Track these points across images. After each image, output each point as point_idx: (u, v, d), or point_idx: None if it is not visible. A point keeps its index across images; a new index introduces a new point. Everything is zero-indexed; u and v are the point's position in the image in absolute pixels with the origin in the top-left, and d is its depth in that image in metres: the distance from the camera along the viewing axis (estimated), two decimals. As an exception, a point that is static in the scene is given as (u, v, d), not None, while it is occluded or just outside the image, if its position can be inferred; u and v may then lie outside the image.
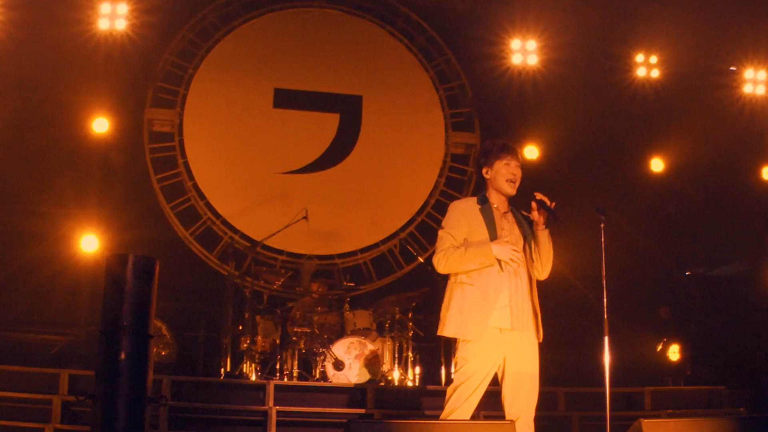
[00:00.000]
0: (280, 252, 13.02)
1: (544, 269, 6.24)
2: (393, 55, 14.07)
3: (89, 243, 12.03)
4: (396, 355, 10.77)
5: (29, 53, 11.66)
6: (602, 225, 6.43)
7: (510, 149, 6.30)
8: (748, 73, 12.96)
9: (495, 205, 6.26)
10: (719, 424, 5.34)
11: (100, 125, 12.35)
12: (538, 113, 13.35)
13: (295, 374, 10.53)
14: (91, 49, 11.99)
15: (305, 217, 11.56)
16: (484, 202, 6.28)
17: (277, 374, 10.51)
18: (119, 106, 12.48)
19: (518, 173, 6.26)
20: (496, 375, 6.09)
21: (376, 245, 13.45)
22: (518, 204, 6.41)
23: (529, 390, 5.99)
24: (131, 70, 12.49)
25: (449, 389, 6.03)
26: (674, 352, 11.85)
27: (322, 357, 10.38)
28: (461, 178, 13.90)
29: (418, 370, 10.94)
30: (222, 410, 8.87)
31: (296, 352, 10.64)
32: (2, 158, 11.64)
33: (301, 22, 13.83)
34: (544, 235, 6.18)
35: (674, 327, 12.31)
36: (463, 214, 6.24)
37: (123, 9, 12.14)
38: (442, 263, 6.12)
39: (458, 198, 12.99)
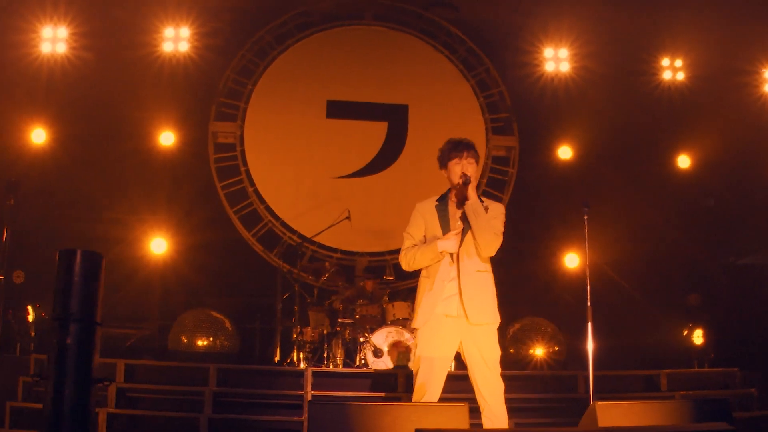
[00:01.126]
0: (334, 250, 13.15)
1: (479, 245, 5.89)
2: (436, 66, 14.09)
3: (159, 245, 12.31)
4: (433, 343, 10.70)
5: (101, 75, 11.98)
6: (585, 217, 6.35)
7: (459, 149, 6.01)
8: (768, 73, 12.68)
9: (452, 201, 6.08)
10: (671, 405, 5.20)
11: (167, 138, 12.68)
12: (571, 116, 13.23)
13: (339, 362, 10.58)
14: (157, 70, 12.30)
15: (348, 218, 11.65)
16: (441, 199, 6.15)
17: (325, 362, 10.58)
18: (183, 120, 12.77)
19: (470, 170, 5.98)
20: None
21: (423, 242, 13.39)
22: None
23: (491, 374, 5.84)
24: (193, 87, 12.75)
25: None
26: (698, 336, 11.60)
27: (363, 345, 10.42)
28: (502, 179, 13.83)
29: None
30: (262, 395, 8.94)
31: (340, 341, 10.69)
32: (80, 171, 11.96)
33: (350, 39, 14.00)
34: (468, 210, 5.90)
35: (702, 313, 12.05)
36: (420, 214, 6.16)
37: (185, 33, 12.42)
38: (403, 262, 6.13)
39: (500, 198, 13.04)
